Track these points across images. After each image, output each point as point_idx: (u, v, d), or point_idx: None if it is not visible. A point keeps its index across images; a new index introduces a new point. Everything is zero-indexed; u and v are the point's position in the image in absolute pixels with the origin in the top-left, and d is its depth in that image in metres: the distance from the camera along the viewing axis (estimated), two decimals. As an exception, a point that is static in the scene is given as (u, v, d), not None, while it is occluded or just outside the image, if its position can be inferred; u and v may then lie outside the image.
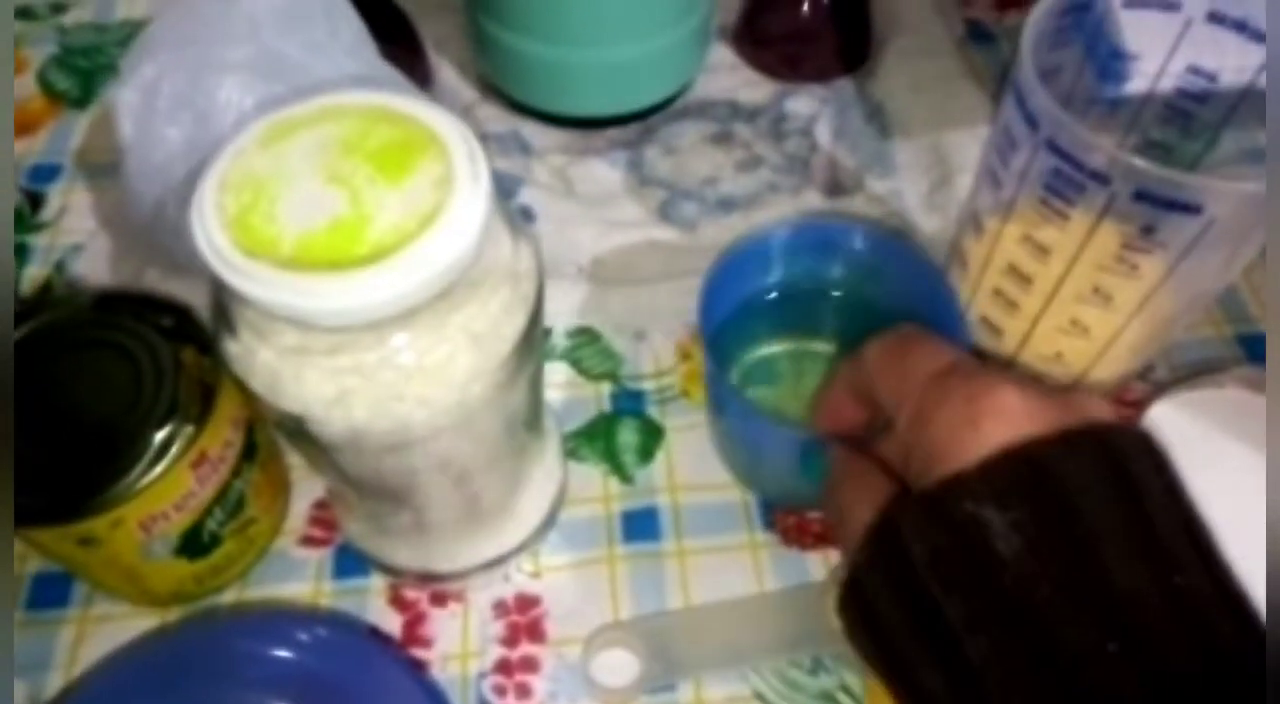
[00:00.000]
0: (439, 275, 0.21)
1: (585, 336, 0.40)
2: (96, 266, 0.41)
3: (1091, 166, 0.25)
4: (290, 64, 0.32)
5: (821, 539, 0.35)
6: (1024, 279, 0.29)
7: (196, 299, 0.32)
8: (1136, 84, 0.30)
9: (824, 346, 0.36)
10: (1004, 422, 0.19)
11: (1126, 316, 0.28)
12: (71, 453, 0.28)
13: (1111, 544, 0.18)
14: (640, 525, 0.36)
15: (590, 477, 0.37)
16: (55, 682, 0.32)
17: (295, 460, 0.37)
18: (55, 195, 0.46)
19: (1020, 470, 0.19)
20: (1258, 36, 0.27)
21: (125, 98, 0.31)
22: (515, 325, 0.25)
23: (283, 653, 0.30)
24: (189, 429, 0.29)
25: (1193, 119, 0.30)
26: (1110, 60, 0.30)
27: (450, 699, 0.31)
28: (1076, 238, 0.26)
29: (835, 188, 0.45)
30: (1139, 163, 0.24)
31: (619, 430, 0.38)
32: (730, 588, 0.34)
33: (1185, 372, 0.36)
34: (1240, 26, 0.27)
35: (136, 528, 0.29)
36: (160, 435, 0.28)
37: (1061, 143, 0.25)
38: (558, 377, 0.39)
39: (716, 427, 0.36)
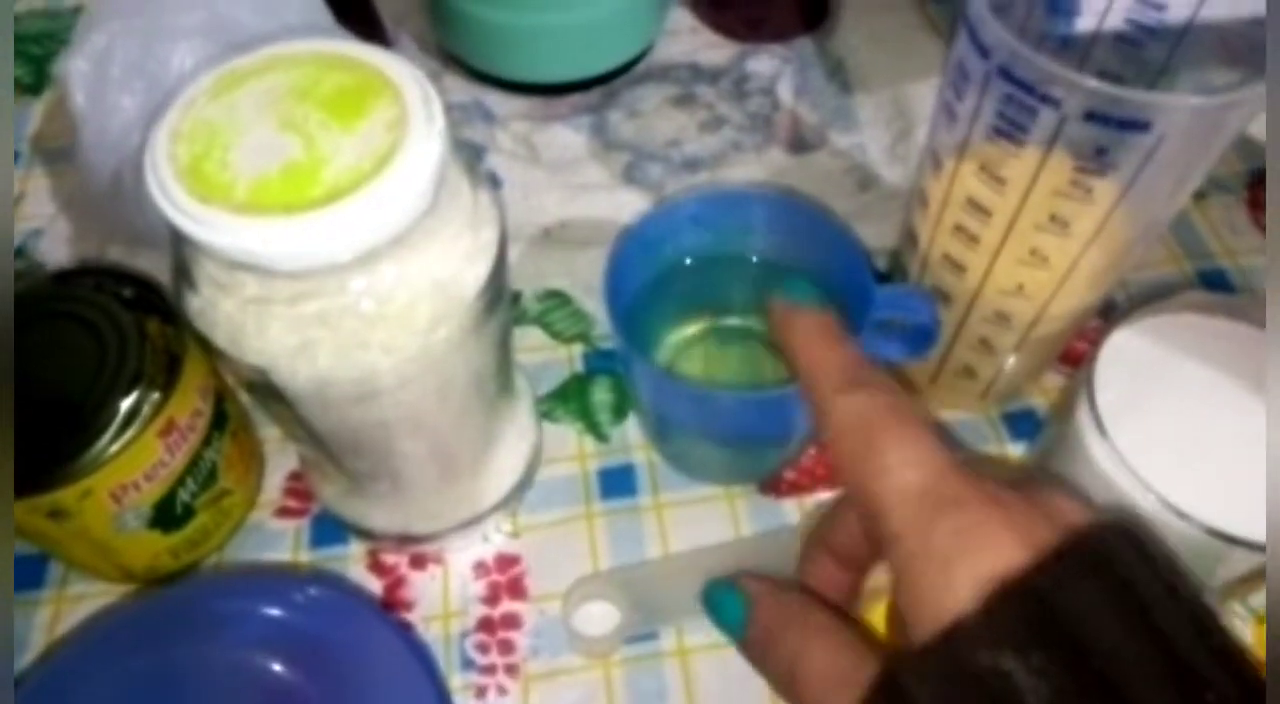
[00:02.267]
0: (396, 216, 0.21)
1: (556, 299, 0.40)
2: (57, 249, 0.41)
3: (1043, 90, 0.25)
4: (243, 27, 0.31)
5: (795, 487, 0.35)
6: (983, 212, 0.29)
7: (161, 273, 0.31)
8: (1086, 18, 0.31)
9: (739, 320, 0.36)
10: (991, 552, 0.18)
11: (1084, 243, 0.28)
12: (37, 425, 0.28)
13: (1139, 677, 0.17)
14: (617, 482, 0.36)
15: (566, 436, 0.37)
16: (30, 662, 0.32)
17: (268, 433, 0.37)
18: (15, 181, 0.45)
19: (1028, 609, 0.18)
20: (1204, -35, 0.28)
21: (77, 67, 0.31)
22: (478, 273, 0.25)
23: (273, 611, 0.30)
24: (155, 396, 0.29)
25: (1143, 51, 0.31)
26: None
27: (435, 658, 0.31)
28: (1031, 165, 0.27)
29: (799, 144, 0.45)
30: (1088, 81, 0.24)
31: (592, 390, 0.38)
32: (708, 538, 0.34)
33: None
34: None
35: (107, 498, 0.29)
36: (126, 403, 0.28)
37: (1013, 69, 0.25)
38: (530, 340, 0.39)
39: (635, 399, 0.36)
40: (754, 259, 0.35)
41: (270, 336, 0.23)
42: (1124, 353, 0.30)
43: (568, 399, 0.38)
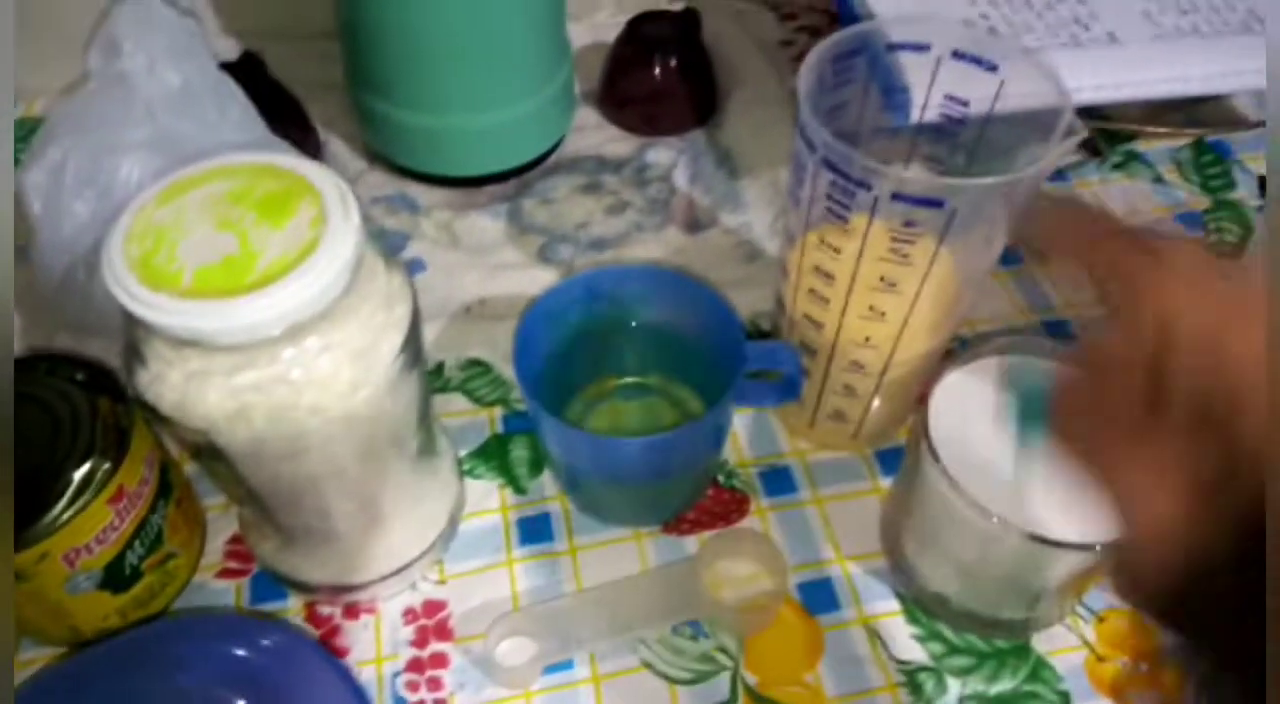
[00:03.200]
0: (318, 295, 0.25)
1: (477, 368, 0.44)
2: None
3: (857, 177, 0.30)
4: (185, 140, 0.36)
5: (696, 524, 0.39)
6: (827, 277, 0.34)
7: (107, 357, 0.35)
8: (910, 112, 0.37)
9: (638, 378, 0.42)
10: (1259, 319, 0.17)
11: (911, 298, 0.33)
12: None
13: None
14: (535, 529, 0.39)
15: (487, 491, 0.41)
16: (-15, 726, 0.34)
17: (211, 502, 0.40)
18: (-36, 282, 0.48)
19: None
20: (992, 67, 0.34)
21: (33, 179, 0.35)
22: (392, 342, 0.29)
23: (239, 651, 0.33)
24: (106, 466, 0.32)
25: (956, 137, 0.37)
26: (886, 94, 0.36)
27: (370, 699, 0.34)
28: (857, 237, 0.32)
29: (694, 225, 0.51)
30: (884, 169, 0.29)
31: (511, 448, 0.42)
32: (619, 574, 0.38)
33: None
34: (977, 61, 0.34)
35: (61, 561, 0.31)
36: (80, 473, 0.31)
37: (834, 161, 0.31)
38: (454, 405, 0.43)
39: (547, 454, 0.40)
40: (644, 325, 0.40)
41: (211, 404, 0.27)
42: (954, 391, 0.35)
43: (489, 457, 0.41)
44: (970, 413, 0.34)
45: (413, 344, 0.30)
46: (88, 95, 0.36)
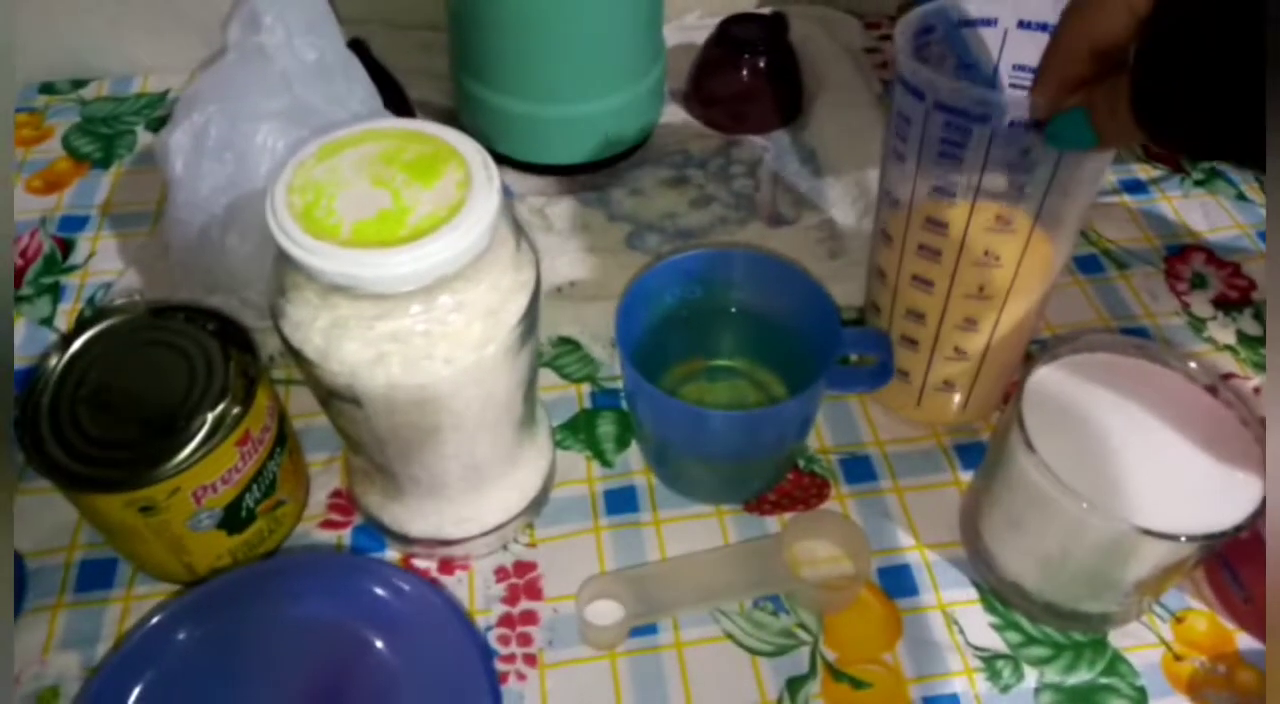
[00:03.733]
0: (465, 250, 0.27)
1: (567, 346, 0.46)
2: (129, 297, 0.46)
3: (976, 111, 0.31)
4: (316, 112, 0.38)
5: (776, 506, 0.41)
6: (939, 226, 0.35)
7: (231, 313, 0.37)
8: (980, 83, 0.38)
9: (727, 361, 0.43)
10: None
11: (1024, 242, 0.34)
12: (139, 432, 0.33)
13: None
14: (621, 501, 0.41)
15: (576, 463, 0.42)
16: (104, 652, 0.36)
17: (315, 457, 0.42)
18: (83, 243, 0.51)
19: None
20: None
21: (177, 140, 0.37)
22: (519, 303, 0.30)
23: (381, 591, 0.35)
24: (236, 410, 0.34)
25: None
26: (957, 68, 0.37)
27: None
28: (964, 211, 0.33)
29: (777, 219, 0.52)
30: (1001, 96, 0.30)
31: (599, 423, 0.43)
32: (701, 547, 0.39)
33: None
34: (1043, 28, 0.35)
35: (190, 497, 0.33)
36: (214, 414, 0.33)
37: (947, 99, 0.31)
38: (545, 380, 0.45)
39: (637, 426, 0.41)
40: (738, 308, 0.41)
41: (353, 350, 0.28)
42: (1046, 384, 0.36)
43: (577, 430, 0.43)
44: (1060, 406, 0.35)
45: (534, 308, 0.32)
46: (229, 65, 0.38)
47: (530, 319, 0.31)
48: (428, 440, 0.32)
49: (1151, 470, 0.33)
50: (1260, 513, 0.32)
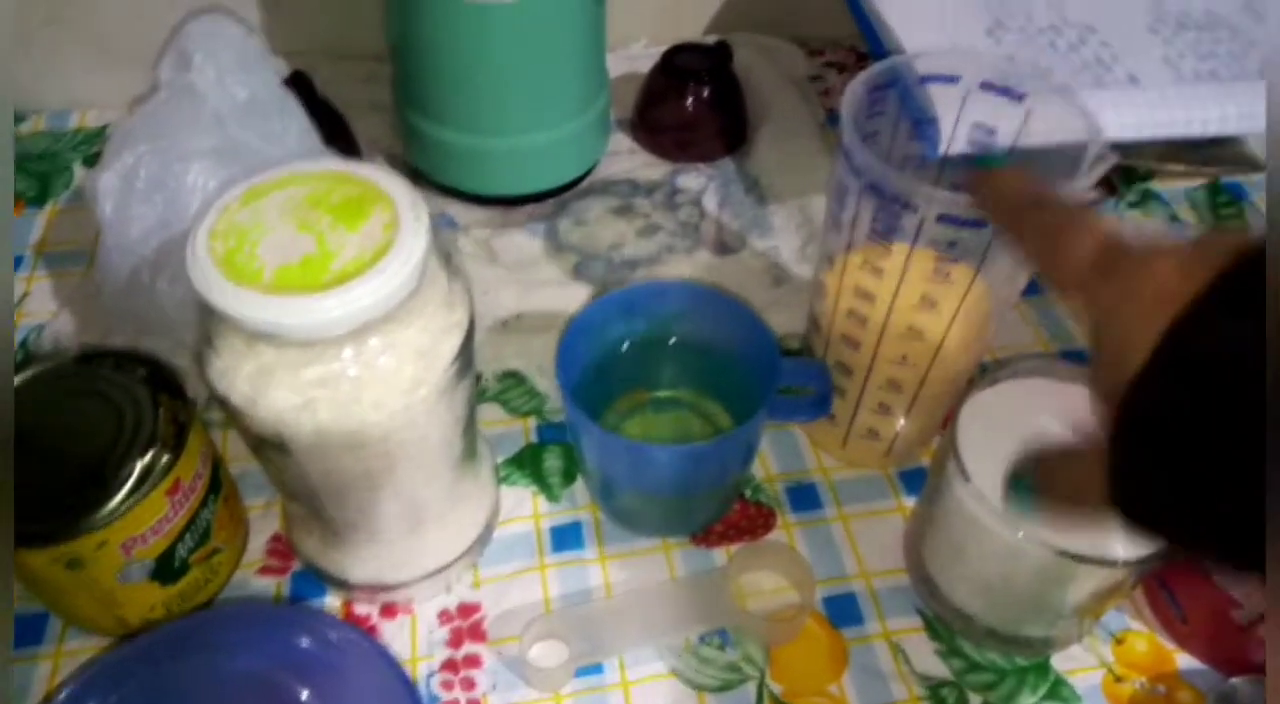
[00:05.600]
0: (390, 295, 0.27)
1: (513, 380, 0.46)
2: (61, 339, 0.45)
3: (902, 199, 0.32)
4: (249, 150, 0.38)
5: (723, 537, 0.41)
6: (867, 297, 0.36)
7: (163, 356, 0.36)
8: (939, 141, 0.38)
9: (671, 392, 0.43)
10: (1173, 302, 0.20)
11: (949, 317, 0.35)
12: (65, 483, 0.32)
13: None
14: (566, 537, 0.40)
15: (522, 498, 0.42)
16: (31, 710, 0.35)
17: (254, 502, 0.41)
18: (18, 283, 0.50)
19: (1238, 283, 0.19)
20: (1019, 97, 0.36)
21: (106, 182, 0.37)
22: (451, 344, 0.30)
23: (305, 642, 0.34)
24: (166, 458, 0.33)
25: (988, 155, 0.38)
26: (916, 124, 0.38)
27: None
28: (901, 259, 0.34)
29: (723, 248, 0.52)
30: (932, 191, 0.31)
31: (545, 457, 0.43)
32: (647, 583, 0.39)
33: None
34: (1006, 91, 0.36)
35: (118, 550, 0.33)
36: (141, 463, 0.32)
37: (881, 186, 0.32)
38: (490, 415, 0.44)
39: (582, 462, 0.41)
40: (680, 340, 0.41)
41: (279, 396, 0.28)
42: (982, 412, 0.36)
43: (523, 465, 0.43)
44: (996, 432, 0.35)
45: (468, 348, 0.31)
46: (159, 104, 0.38)
47: (464, 358, 0.31)
48: (362, 486, 0.32)
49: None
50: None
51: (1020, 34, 0.47)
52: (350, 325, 0.26)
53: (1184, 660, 0.37)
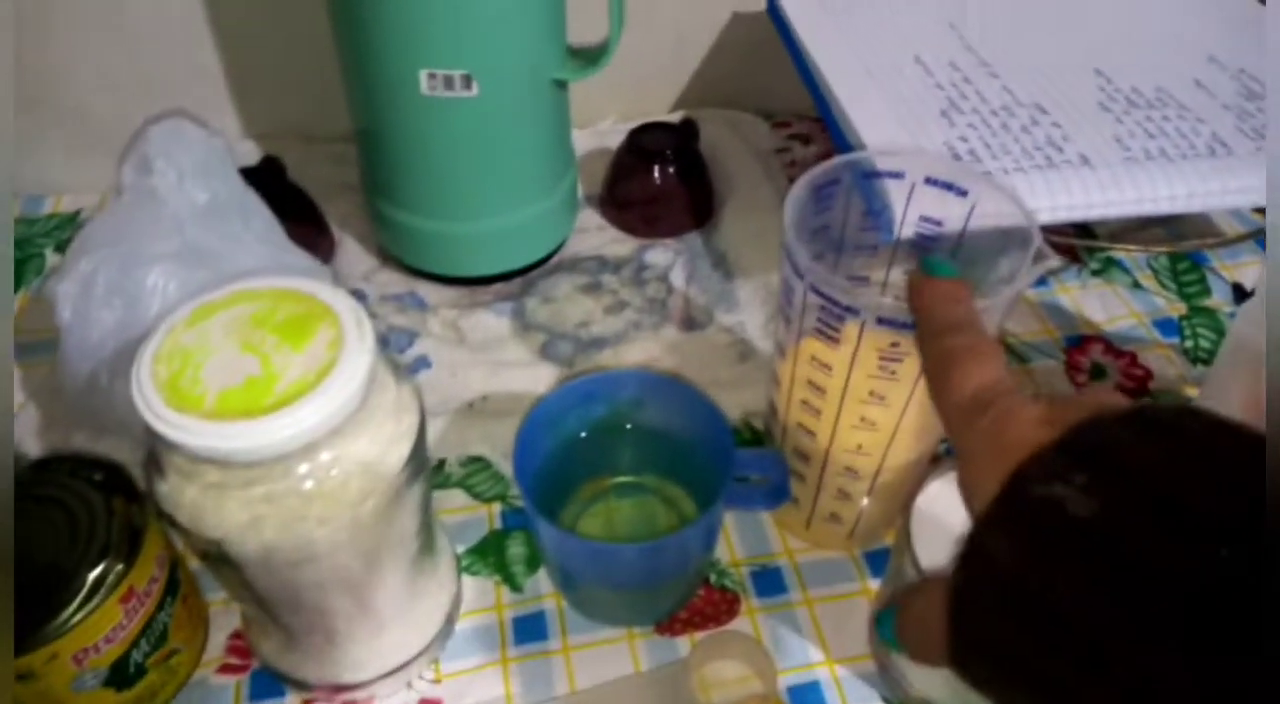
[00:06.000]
0: (334, 413, 0.27)
1: (477, 464, 0.46)
2: (25, 435, 0.45)
3: (844, 303, 0.32)
4: (210, 253, 0.38)
5: (687, 625, 0.40)
6: (819, 389, 0.36)
7: (121, 456, 0.37)
8: (894, 229, 0.39)
9: (633, 478, 0.43)
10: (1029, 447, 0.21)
11: (900, 410, 0.35)
12: (16, 595, 0.32)
13: (1180, 480, 0.18)
14: (530, 629, 0.40)
15: (484, 588, 0.41)
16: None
17: (214, 596, 0.41)
18: (-14, 373, 0.50)
19: (1076, 445, 0.20)
20: (962, 192, 0.36)
21: (64, 289, 0.37)
22: (400, 452, 0.30)
23: None
24: (120, 567, 0.33)
25: (934, 248, 0.39)
26: (869, 214, 0.39)
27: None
28: (847, 355, 0.34)
29: (690, 323, 0.53)
30: (869, 298, 0.31)
31: (509, 545, 0.43)
32: (611, 675, 0.39)
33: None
34: (949, 186, 0.36)
35: (70, 661, 0.32)
36: (94, 574, 0.32)
37: (820, 287, 0.33)
38: (454, 501, 0.44)
39: (543, 555, 0.41)
40: (639, 427, 0.41)
41: (225, 515, 0.28)
42: (936, 498, 0.36)
43: (486, 553, 0.43)
44: (951, 518, 0.35)
45: (419, 453, 0.31)
46: (120, 209, 0.38)
47: (414, 465, 0.31)
48: (314, 594, 0.32)
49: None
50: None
51: (974, 115, 0.48)
52: (293, 446, 0.27)
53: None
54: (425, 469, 0.33)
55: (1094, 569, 0.19)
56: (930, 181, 0.37)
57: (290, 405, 0.26)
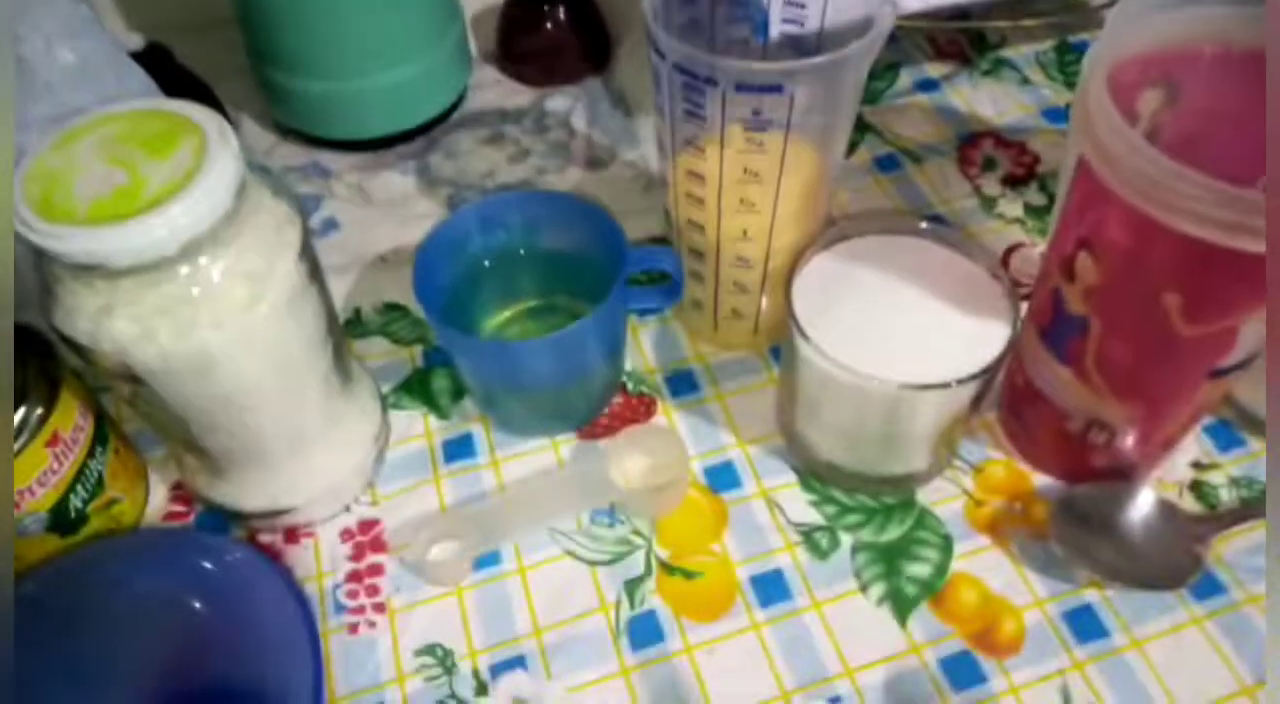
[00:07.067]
0: (205, 212, 0.28)
1: (396, 312, 0.47)
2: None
3: (703, 74, 0.33)
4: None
5: (608, 429, 0.43)
6: (699, 177, 0.37)
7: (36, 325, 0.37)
8: (770, 27, 0.40)
9: (543, 301, 0.44)
10: None
11: (775, 186, 0.37)
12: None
13: None
14: (459, 448, 0.42)
15: (413, 419, 0.43)
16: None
17: (152, 455, 0.42)
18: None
19: None
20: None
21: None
22: (286, 261, 0.31)
23: (206, 563, 0.36)
24: (39, 411, 0.34)
25: (801, 42, 0.40)
26: (732, 8, 0.39)
27: (313, 608, 0.37)
28: (716, 133, 0.35)
29: (594, 163, 0.54)
30: (725, 61, 0.32)
31: (433, 379, 0.45)
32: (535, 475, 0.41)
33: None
34: None
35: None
36: (17, 416, 0.34)
37: (680, 62, 0.34)
38: (375, 348, 0.46)
39: (460, 375, 0.43)
40: (539, 248, 0.43)
41: (119, 328, 0.29)
42: (816, 274, 0.38)
43: (411, 390, 0.44)
44: (831, 289, 0.37)
45: (306, 262, 0.33)
46: (-12, 78, 0.38)
47: (304, 272, 0.32)
48: (226, 409, 0.33)
49: (915, 333, 0.36)
50: (1006, 353, 0.34)
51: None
52: (168, 248, 0.28)
53: (1039, 479, 0.40)
54: (319, 281, 0.34)
55: None
56: None
57: (159, 206, 0.27)
